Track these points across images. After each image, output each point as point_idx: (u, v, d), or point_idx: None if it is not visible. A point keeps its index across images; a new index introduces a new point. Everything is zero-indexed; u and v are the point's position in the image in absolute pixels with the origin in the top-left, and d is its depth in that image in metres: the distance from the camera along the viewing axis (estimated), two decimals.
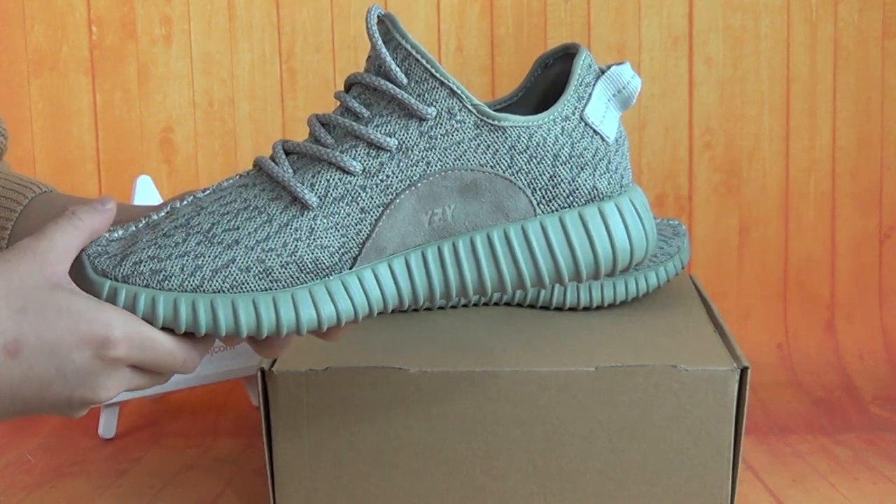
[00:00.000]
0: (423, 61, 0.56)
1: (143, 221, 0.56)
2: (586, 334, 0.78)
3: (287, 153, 0.58)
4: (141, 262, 0.54)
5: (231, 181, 0.58)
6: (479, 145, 0.56)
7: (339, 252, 0.56)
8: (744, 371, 0.69)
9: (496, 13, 1.18)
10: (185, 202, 0.57)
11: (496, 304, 0.86)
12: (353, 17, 1.18)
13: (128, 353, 0.51)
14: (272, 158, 0.58)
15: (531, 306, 0.86)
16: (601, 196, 0.58)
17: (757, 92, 1.19)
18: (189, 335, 0.55)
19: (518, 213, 0.57)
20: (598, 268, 0.58)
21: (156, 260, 0.54)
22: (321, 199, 0.56)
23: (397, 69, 0.57)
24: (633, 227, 0.58)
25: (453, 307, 0.85)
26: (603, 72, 0.59)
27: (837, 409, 1.04)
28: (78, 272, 0.54)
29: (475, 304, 0.86)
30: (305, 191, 0.56)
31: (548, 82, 0.63)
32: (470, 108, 0.56)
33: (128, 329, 0.51)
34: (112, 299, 0.53)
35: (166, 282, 0.54)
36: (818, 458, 0.91)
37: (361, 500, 0.73)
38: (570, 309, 0.85)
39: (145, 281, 0.54)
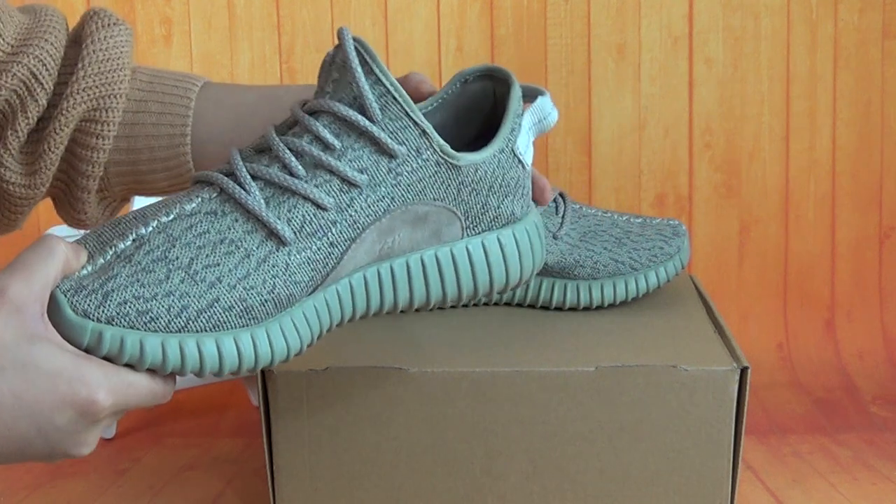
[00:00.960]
0: (401, 100, 0.56)
1: (111, 252, 0.53)
2: (586, 334, 0.78)
3: (253, 178, 0.55)
4: (126, 303, 0.51)
5: (193, 204, 0.55)
6: (436, 181, 0.58)
7: (308, 286, 0.56)
8: (744, 371, 0.69)
9: (496, 13, 1.18)
10: (151, 229, 0.54)
11: (496, 304, 0.86)
12: (353, 17, 1.18)
13: (112, 408, 0.50)
14: (237, 182, 0.55)
15: (531, 306, 0.86)
16: (515, 219, 0.62)
17: (757, 92, 1.19)
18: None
19: (450, 236, 0.60)
20: (508, 282, 0.62)
21: (141, 300, 0.51)
22: (296, 235, 0.55)
23: (375, 105, 0.56)
24: (535, 245, 0.63)
25: (453, 307, 0.85)
26: (527, 101, 0.63)
27: (837, 409, 1.04)
28: (54, 312, 0.50)
29: (475, 305, 0.86)
30: (283, 226, 0.54)
31: (466, 97, 0.64)
32: (436, 147, 0.58)
33: (110, 385, 0.50)
34: (96, 343, 0.50)
35: (152, 323, 0.51)
36: (818, 458, 0.91)
37: (361, 500, 0.73)
38: (570, 309, 0.85)
39: (131, 322, 0.51)
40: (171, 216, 0.54)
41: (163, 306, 0.52)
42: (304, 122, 0.56)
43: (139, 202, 0.99)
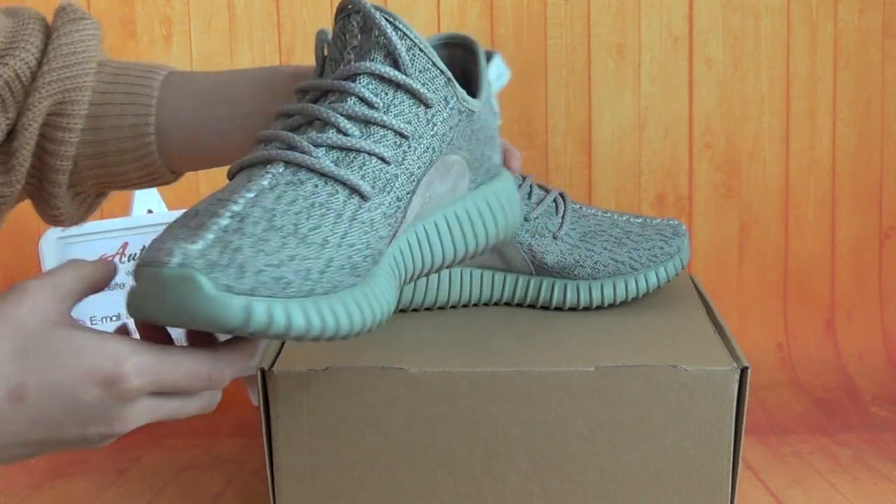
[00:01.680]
0: (427, 52, 0.58)
1: (216, 228, 0.50)
2: (586, 334, 0.78)
3: (314, 146, 0.56)
4: (261, 272, 0.49)
5: (266, 181, 0.54)
6: (459, 129, 0.60)
7: (387, 241, 0.57)
8: (744, 371, 0.69)
9: (496, 13, 1.18)
10: (243, 203, 0.52)
11: (496, 303, 0.86)
12: None
13: (141, 382, 0.49)
14: (302, 151, 0.55)
15: (531, 306, 0.86)
16: (500, 171, 0.67)
17: (757, 92, 1.19)
18: (212, 344, 0.53)
19: (462, 189, 0.63)
20: (507, 231, 0.67)
21: (272, 268, 0.49)
22: (372, 188, 0.56)
23: (406, 58, 0.57)
24: (517, 195, 0.68)
25: (453, 307, 0.85)
26: (488, 59, 0.66)
27: (837, 409, 1.04)
28: (193, 294, 0.47)
29: (475, 304, 0.86)
30: (361, 181, 0.55)
31: None
32: (458, 94, 0.60)
33: (138, 359, 0.49)
34: (245, 318, 0.47)
35: (288, 288, 0.50)
36: (818, 458, 0.91)
37: (361, 500, 0.73)
38: (570, 309, 0.85)
39: (271, 291, 0.49)
40: (253, 193, 0.53)
41: (291, 270, 0.50)
42: (343, 87, 0.57)
43: (139, 201, 0.99)
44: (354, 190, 0.55)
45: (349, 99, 0.57)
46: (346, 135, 0.56)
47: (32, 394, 0.48)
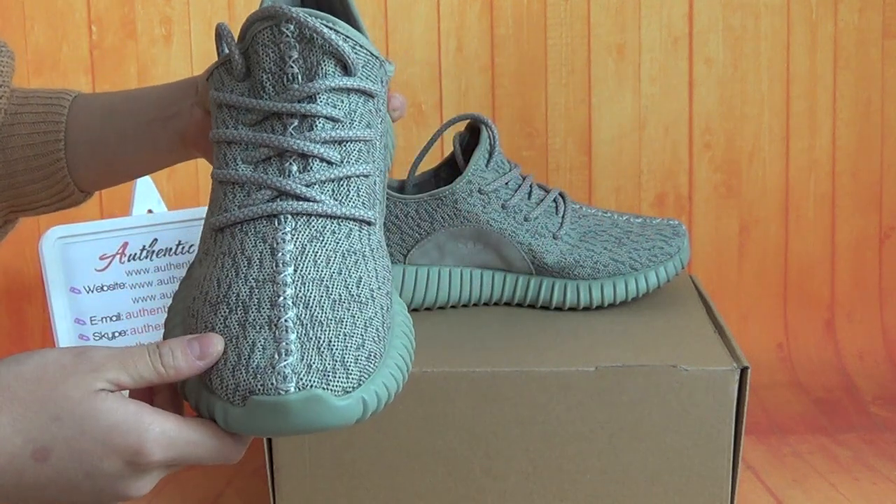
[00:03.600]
0: (365, 44, 0.54)
1: (288, 322, 0.49)
2: (586, 334, 0.78)
3: (307, 186, 0.53)
4: (357, 360, 0.49)
5: (290, 245, 0.51)
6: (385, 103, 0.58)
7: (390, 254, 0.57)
8: (744, 371, 0.69)
9: (496, 13, 1.18)
10: (291, 284, 0.50)
11: (496, 303, 0.86)
12: None
13: (164, 459, 0.49)
14: (304, 198, 0.52)
15: (531, 306, 0.86)
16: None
17: (757, 92, 1.19)
18: None
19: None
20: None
21: (360, 347, 0.50)
22: (371, 211, 0.54)
23: (354, 58, 0.54)
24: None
25: (453, 307, 0.85)
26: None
27: (837, 409, 1.04)
28: (318, 410, 0.47)
29: (475, 304, 0.86)
30: (364, 210, 0.54)
31: None
32: (385, 69, 0.56)
33: (165, 439, 0.49)
34: (364, 410, 0.48)
35: (375, 360, 0.50)
36: (818, 458, 0.91)
37: (361, 500, 0.73)
38: (570, 309, 0.85)
39: (368, 372, 0.49)
40: (291, 266, 0.51)
41: (370, 340, 0.50)
42: (307, 110, 0.52)
43: (139, 202, 0.99)
44: (362, 221, 0.54)
45: (317, 122, 0.53)
46: (330, 164, 0.53)
47: (55, 458, 0.48)
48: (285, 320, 0.49)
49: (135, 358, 0.50)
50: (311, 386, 0.47)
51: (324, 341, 0.49)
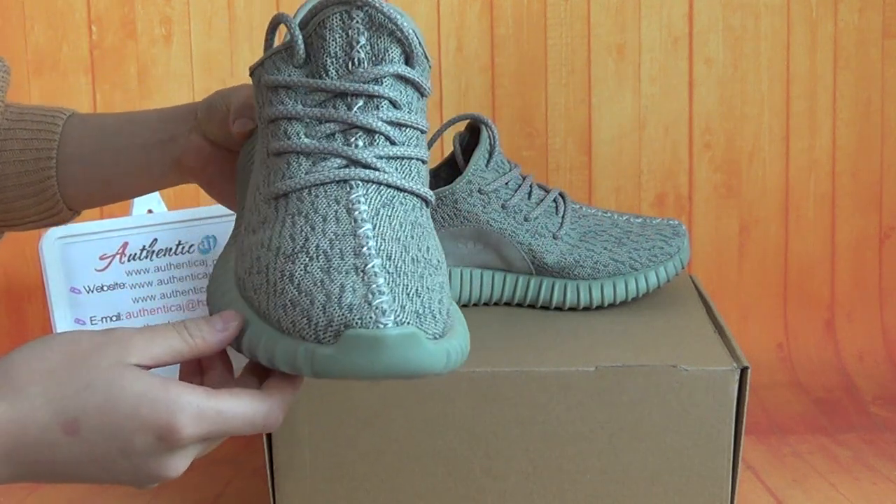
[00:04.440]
0: (423, 44, 0.56)
1: (374, 267, 0.49)
2: (586, 334, 0.78)
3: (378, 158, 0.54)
4: (440, 311, 0.50)
5: (361, 206, 0.52)
6: None
7: None
8: (744, 371, 0.69)
9: (496, 13, 1.18)
10: (372, 237, 0.51)
11: (496, 303, 0.86)
12: None
13: (196, 434, 0.49)
14: (374, 168, 0.53)
15: (531, 306, 0.86)
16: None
17: (757, 92, 1.19)
18: (274, 387, 0.52)
19: None
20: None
21: (442, 304, 0.50)
22: (428, 193, 0.56)
23: (418, 54, 0.55)
24: None
25: None
26: None
27: (837, 409, 1.04)
28: (414, 348, 0.47)
29: (475, 304, 0.86)
30: (424, 189, 0.55)
31: None
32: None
33: (196, 411, 0.48)
34: (446, 360, 0.48)
35: (452, 319, 0.51)
36: (818, 458, 0.91)
37: (361, 500, 0.73)
38: (570, 309, 0.85)
39: (449, 328, 0.50)
40: (369, 223, 0.52)
41: (447, 299, 0.51)
42: (373, 91, 0.54)
43: (139, 202, 0.99)
44: (423, 199, 0.55)
45: (382, 103, 0.54)
46: (393, 143, 0.54)
47: (85, 430, 0.48)
48: (372, 266, 0.49)
49: (162, 330, 0.50)
50: (408, 323, 0.47)
51: (411, 289, 0.49)
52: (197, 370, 0.54)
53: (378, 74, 0.54)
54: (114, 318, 0.96)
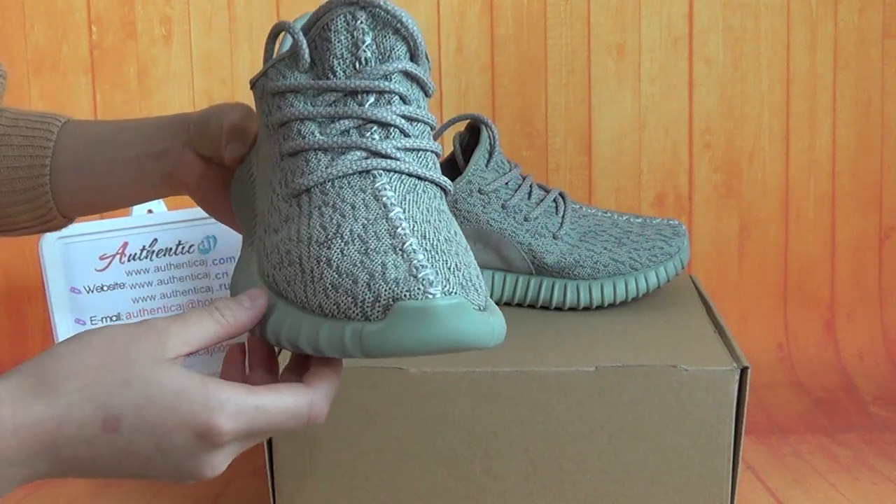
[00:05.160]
0: (424, 44, 0.57)
1: (412, 244, 0.50)
2: (586, 334, 0.78)
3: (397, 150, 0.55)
4: (480, 287, 0.50)
5: (388, 192, 0.53)
6: None
7: None
8: (744, 371, 0.69)
9: (496, 13, 1.18)
10: (405, 218, 0.52)
11: (496, 303, 0.86)
12: None
13: (235, 431, 0.48)
14: (393, 158, 0.54)
15: (531, 306, 0.86)
16: None
17: (757, 92, 1.19)
18: (315, 377, 0.52)
19: None
20: None
21: (479, 280, 0.51)
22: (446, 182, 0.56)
23: (421, 52, 0.56)
24: None
25: None
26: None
27: (837, 409, 1.04)
28: (464, 318, 0.47)
29: None
30: (442, 178, 0.55)
31: None
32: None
33: (235, 409, 0.48)
34: (491, 333, 0.48)
35: (489, 299, 0.52)
36: (818, 458, 0.91)
37: (361, 500, 0.73)
38: (570, 309, 0.85)
39: (487, 304, 0.51)
40: (399, 207, 0.52)
41: (482, 279, 0.52)
42: (384, 87, 0.55)
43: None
44: (442, 188, 0.55)
45: (393, 98, 0.55)
46: (407, 136, 0.55)
47: (125, 428, 0.48)
48: (410, 245, 0.49)
49: (195, 315, 0.50)
50: (455, 293, 0.47)
51: (451, 263, 0.50)
52: (241, 371, 0.53)
53: (387, 71, 0.55)
54: (114, 318, 0.96)
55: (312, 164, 0.54)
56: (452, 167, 0.88)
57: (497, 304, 0.86)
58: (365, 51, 0.55)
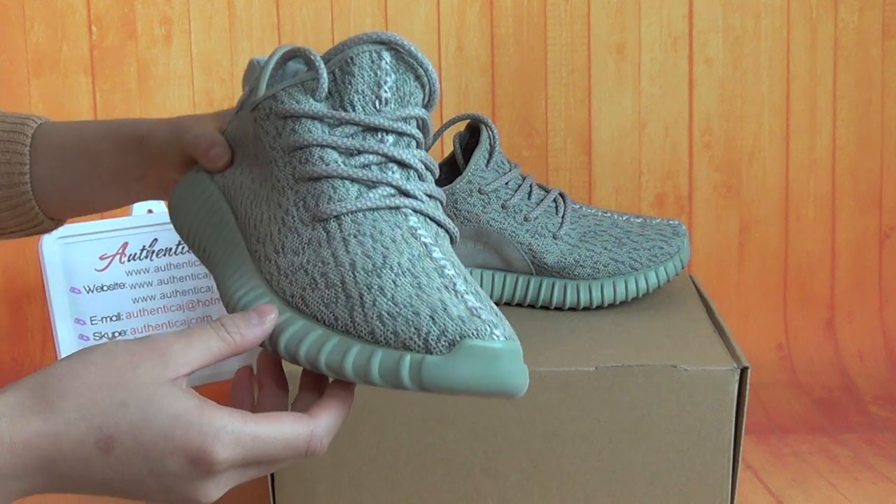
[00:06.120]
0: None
1: (461, 288, 0.51)
2: (586, 334, 0.78)
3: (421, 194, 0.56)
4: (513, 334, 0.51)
5: (426, 238, 0.54)
6: None
7: None
8: (744, 371, 0.69)
9: (496, 13, 1.18)
10: (448, 264, 0.52)
11: (496, 303, 0.86)
12: (352, 17, 1.18)
13: (231, 459, 0.48)
14: (420, 200, 0.55)
15: (531, 306, 0.86)
16: None
17: (757, 92, 1.19)
18: (322, 409, 0.51)
19: None
20: None
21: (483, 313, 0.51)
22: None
23: (433, 99, 0.57)
24: None
25: None
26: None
27: (837, 409, 1.04)
28: (516, 363, 0.48)
29: None
30: (451, 226, 0.56)
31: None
32: None
33: (231, 437, 0.47)
34: (524, 383, 0.49)
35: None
36: (818, 458, 0.91)
37: (361, 499, 0.73)
38: (570, 309, 0.85)
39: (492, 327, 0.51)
40: (437, 249, 0.53)
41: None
42: (404, 129, 0.55)
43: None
44: (451, 236, 0.56)
45: (411, 143, 0.56)
46: (422, 180, 0.56)
47: (119, 449, 0.48)
48: (460, 286, 0.50)
49: (198, 332, 0.50)
50: (513, 340, 0.48)
51: (496, 311, 0.50)
52: (249, 392, 0.53)
53: (406, 115, 0.55)
54: (114, 318, 0.96)
55: (341, 192, 0.54)
56: (452, 167, 0.88)
57: (497, 304, 0.86)
58: (386, 91, 0.55)
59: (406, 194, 0.54)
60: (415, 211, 0.54)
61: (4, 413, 0.47)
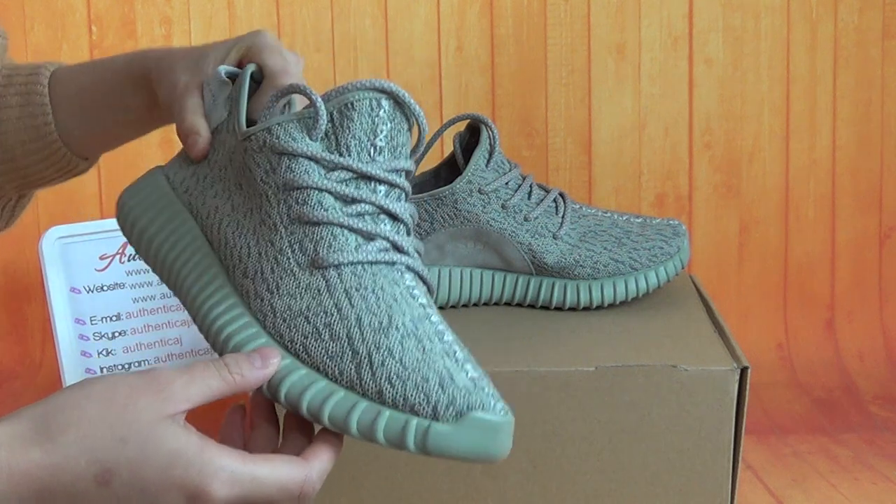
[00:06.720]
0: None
1: (460, 358, 0.52)
2: (586, 334, 0.78)
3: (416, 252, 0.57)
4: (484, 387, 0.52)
5: (421, 297, 0.54)
6: None
7: None
8: (744, 371, 0.69)
9: (496, 13, 1.18)
10: (446, 328, 0.53)
11: (496, 303, 0.86)
12: (352, 17, 1.18)
13: (227, 497, 0.48)
14: (412, 256, 0.55)
15: (531, 306, 0.86)
16: None
17: (757, 92, 1.19)
18: (314, 454, 0.52)
19: None
20: None
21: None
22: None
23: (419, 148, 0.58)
24: None
25: (453, 307, 0.85)
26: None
27: (837, 409, 1.04)
28: (509, 436, 0.50)
29: (475, 304, 0.86)
30: (431, 280, 0.57)
31: None
32: None
33: (229, 477, 0.48)
34: (509, 446, 0.51)
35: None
36: (818, 458, 0.91)
37: (361, 499, 0.73)
38: (570, 309, 0.85)
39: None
40: (432, 310, 0.54)
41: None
42: (396, 181, 0.55)
43: None
44: (430, 289, 0.56)
45: (402, 195, 0.56)
46: (409, 233, 0.56)
47: (117, 483, 0.48)
48: (458, 353, 0.52)
49: (201, 369, 0.50)
50: (508, 413, 0.50)
51: (489, 381, 0.52)
52: (240, 432, 0.53)
53: (397, 167, 0.56)
54: (114, 318, 0.96)
55: (340, 241, 0.54)
56: (452, 167, 0.88)
57: (497, 304, 0.86)
58: (381, 140, 0.55)
59: (399, 250, 0.55)
60: (408, 268, 0.55)
61: (4, 442, 0.48)
